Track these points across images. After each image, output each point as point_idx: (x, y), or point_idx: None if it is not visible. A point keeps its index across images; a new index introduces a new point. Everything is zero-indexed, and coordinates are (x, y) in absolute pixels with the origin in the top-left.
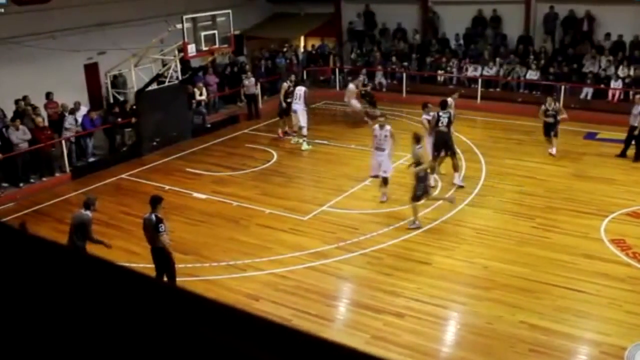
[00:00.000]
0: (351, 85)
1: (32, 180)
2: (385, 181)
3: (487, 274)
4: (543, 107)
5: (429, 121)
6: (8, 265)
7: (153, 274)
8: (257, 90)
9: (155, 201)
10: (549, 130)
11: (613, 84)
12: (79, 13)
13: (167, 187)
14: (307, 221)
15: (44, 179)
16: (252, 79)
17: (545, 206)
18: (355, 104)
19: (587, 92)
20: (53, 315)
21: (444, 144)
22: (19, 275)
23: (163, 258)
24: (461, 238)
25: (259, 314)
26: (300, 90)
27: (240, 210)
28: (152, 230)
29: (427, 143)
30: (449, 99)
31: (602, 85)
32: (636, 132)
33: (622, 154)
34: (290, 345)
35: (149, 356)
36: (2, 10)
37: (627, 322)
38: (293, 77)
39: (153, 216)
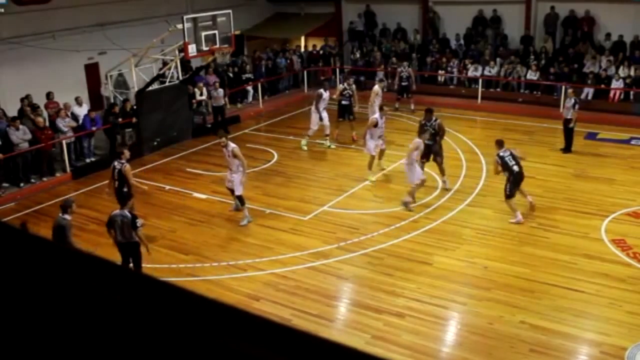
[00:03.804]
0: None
1: (32, 180)
2: (239, 199)
3: (487, 274)
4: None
5: None
6: (9, 265)
7: (153, 273)
8: (225, 101)
9: (125, 199)
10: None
11: (614, 84)
12: (80, 13)
13: (167, 187)
14: (307, 221)
15: (45, 179)
16: (221, 90)
17: (546, 206)
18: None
19: (588, 92)
20: (54, 315)
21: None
22: (19, 276)
23: (135, 252)
24: (461, 238)
25: (259, 314)
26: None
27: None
28: (127, 226)
29: None
30: None
31: (603, 86)
32: (571, 125)
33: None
34: (290, 345)
35: (149, 356)
36: (2, 10)
37: (628, 323)
38: (352, 80)
39: (127, 213)
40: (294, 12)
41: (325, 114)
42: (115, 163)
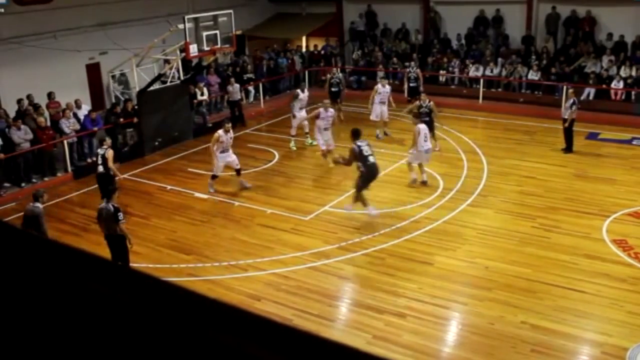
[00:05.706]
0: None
1: (34, 180)
2: (239, 172)
3: (488, 274)
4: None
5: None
6: (9, 265)
7: (155, 273)
8: (242, 96)
9: (110, 192)
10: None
11: (615, 84)
12: (81, 13)
13: (169, 187)
14: (308, 221)
15: (46, 178)
16: (237, 85)
17: (547, 206)
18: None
19: (589, 92)
20: (54, 315)
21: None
22: (20, 275)
23: (120, 245)
24: (463, 238)
25: (261, 314)
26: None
27: (241, 210)
28: (110, 219)
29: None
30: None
31: (604, 86)
32: (566, 125)
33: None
34: (291, 345)
35: (150, 356)
36: (2, 10)
37: (629, 323)
38: (335, 70)
39: (111, 206)
40: (295, 12)
41: (303, 113)
42: (99, 150)
